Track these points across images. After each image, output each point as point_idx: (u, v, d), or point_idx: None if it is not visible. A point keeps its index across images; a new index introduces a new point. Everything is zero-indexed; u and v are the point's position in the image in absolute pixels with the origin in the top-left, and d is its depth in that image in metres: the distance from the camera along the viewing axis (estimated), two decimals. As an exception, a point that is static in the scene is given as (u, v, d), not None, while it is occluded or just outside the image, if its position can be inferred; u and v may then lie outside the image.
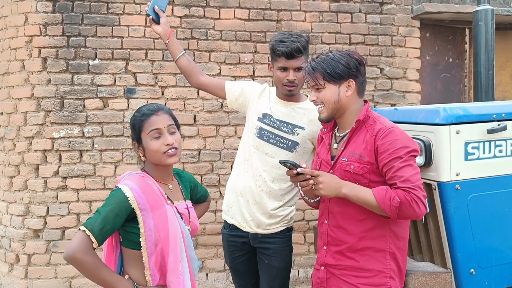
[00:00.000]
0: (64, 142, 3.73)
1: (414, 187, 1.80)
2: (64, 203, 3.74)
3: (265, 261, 2.53)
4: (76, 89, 3.75)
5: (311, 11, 4.08)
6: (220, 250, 3.98)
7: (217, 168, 3.95)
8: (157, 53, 3.86)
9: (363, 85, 2.05)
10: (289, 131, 2.46)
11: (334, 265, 2.03)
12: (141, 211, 1.78)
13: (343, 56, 1.98)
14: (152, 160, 1.89)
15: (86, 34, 3.76)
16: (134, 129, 1.91)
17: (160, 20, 2.57)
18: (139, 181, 1.83)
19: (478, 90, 3.29)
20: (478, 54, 3.27)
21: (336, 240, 2.03)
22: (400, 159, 1.84)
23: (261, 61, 4.00)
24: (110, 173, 3.80)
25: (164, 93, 3.89)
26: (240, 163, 2.60)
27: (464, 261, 2.31)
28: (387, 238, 1.95)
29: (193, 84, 2.68)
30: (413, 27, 4.26)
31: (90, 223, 1.72)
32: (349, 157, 1.97)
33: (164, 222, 1.82)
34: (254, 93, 2.59)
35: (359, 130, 1.99)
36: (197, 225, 2.04)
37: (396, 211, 1.80)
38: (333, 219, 2.05)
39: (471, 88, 4.68)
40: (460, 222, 2.28)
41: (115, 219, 1.74)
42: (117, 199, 1.77)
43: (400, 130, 1.92)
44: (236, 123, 3.98)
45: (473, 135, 2.28)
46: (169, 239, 1.81)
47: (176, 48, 2.62)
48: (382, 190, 1.84)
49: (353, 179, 1.94)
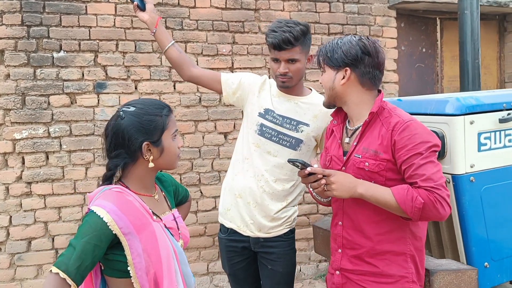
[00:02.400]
0: (27, 144, 3.37)
1: (438, 186, 1.65)
2: (29, 211, 3.38)
3: (268, 266, 2.36)
4: (40, 85, 3.38)
5: (289, 0, 3.93)
6: (202, 253, 3.77)
7: (197, 166, 3.73)
8: (129, 44, 3.56)
9: (370, 76, 1.84)
10: (292, 128, 2.28)
11: (351, 270, 1.89)
12: (125, 236, 1.48)
13: (347, 43, 1.84)
14: (165, 164, 1.65)
15: (49, 24, 3.39)
16: (152, 128, 1.59)
17: (145, 7, 2.31)
18: (116, 200, 1.52)
19: (464, 79, 3.27)
20: (464, 43, 3.25)
21: (352, 243, 1.88)
22: (420, 155, 1.68)
23: (240, 52, 3.81)
24: (80, 176, 3.48)
25: (137, 88, 3.60)
26: (238, 162, 2.40)
27: (478, 254, 2.25)
28: (407, 240, 1.81)
29: (184, 77, 2.43)
30: (389, 16, 4.22)
31: (64, 262, 1.40)
32: (363, 153, 1.81)
33: (154, 244, 1.54)
34: (253, 86, 2.39)
35: (373, 123, 1.84)
36: (187, 236, 1.78)
37: (419, 212, 1.65)
38: (349, 220, 1.90)
39: (443, 78, 4.73)
40: (475, 215, 2.22)
41: (95, 251, 1.43)
42: (94, 226, 1.45)
43: (419, 123, 1.77)
44: (215, 118, 3.76)
45: (486, 125, 2.22)
46: (162, 263, 1.54)
47: (164, 38, 2.36)
48: (402, 190, 1.68)
49: (368, 177, 1.79)
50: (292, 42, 2.15)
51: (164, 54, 2.39)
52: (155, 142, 1.59)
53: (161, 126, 1.60)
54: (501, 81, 4.83)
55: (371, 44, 1.84)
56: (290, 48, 2.16)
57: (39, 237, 3.41)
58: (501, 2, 4.39)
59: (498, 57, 4.82)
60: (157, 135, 1.59)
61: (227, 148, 3.78)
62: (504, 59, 4.82)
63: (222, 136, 3.79)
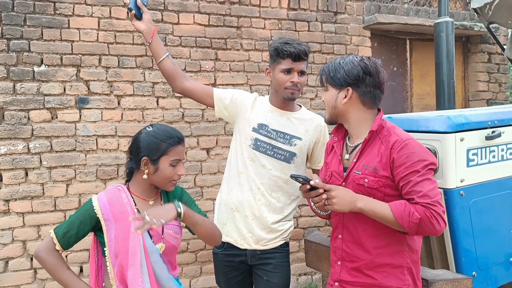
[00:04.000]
0: (5, 160, 3.25)
1: (434, 203, 1.72)
2: (7, 229, 3.25)
3: (264, 277, 2.40)
4: (19, 99, 3.29)
5: (270, 19, 4.02)
6: (185, 269, 3.74)
7: (180, 182, 3.68)
8: (112, 59, 3.53)
9: (370, 95, 1.90)
10: (286, 142, 2.37)
11: (350, 282, 1.94)
12: (104, 221, 1.85)
13: (349, 63, 1.91)
14: (157, 182, 1.92)
15: (30, 37, 3.32)
16: (154, 148, 1.88)
17: (142, 16, 2.33)
18: (110, 193, 1.91)
19: (440, 98, 3.44)
20: (440, 64, 3.42)
21: (352, 256, 1.94)
22: (417, 173, 1.75)
23: (222, 68, 3.85)
24: (61, 193, 3.38)
25: (120, 103, 3.56)
26: (233, 177, 2.44)
27: (467, 264, 2.37)
28: (404, 253, 1.87)
29: (176, 89, 2.46)
30: (364, 36, 4.39)
31: (57, 227, 1.87)
32: (363, 170, 1.88)
33: (125, 235, 1.84)
34: (246, 102, 2.46)
35: (372, 141, 1.90)
36: (173, 243, 1.97)
37: (416, 227, 1.72)
38: (348, 234, 1.96)
39: (413, 96, 4.95)
40: (464, 227, 2.35)
41: (80, 226, 1.84)
42: (85, 207, 1.88)
43: (417, 142, 1.84)
44: (198, 134, 3.77)
45: (474, 142, 2.36)
46: (128, 253, 1.83)
47: (160, 49, 2.38)
48: (400, 205, 1.75)
49: (367, 193, 1.85)
50: (307, 54, 2.33)
51: (158, 65, 2.40)
52: (153, 161, 1.88)
53: (161, 150, 1.88)
54: (465, 99, 5.09)
55: (372, 65, 1.91)
56: (305, 59, 2.33)
57: (17, 256, 3.27)
58: (466, 25, 4.67)
59: (463, 77, 5.09)
60: (156, 156, 1.88)
61: (210, 164, 3.79)
62: (468, 79, 5.09)
63: (204, 152, 3.79)
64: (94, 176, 3.46)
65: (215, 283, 3.71)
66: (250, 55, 3.93)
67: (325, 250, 2.55)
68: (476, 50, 5.07)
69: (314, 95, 4.15)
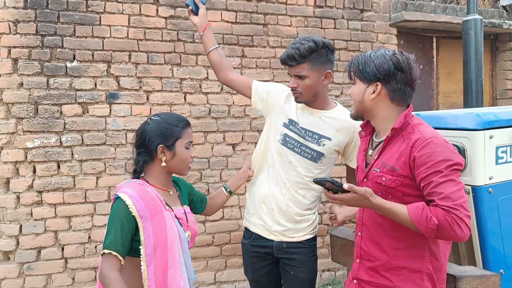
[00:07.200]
0: (39, 153, 3.36)
1: (456, 206, 1.59)
2: (39, 220, 3.37)
3: (290, 272, 2.42)
4: (53, 94, 3.40)
5: (296, 16, 4.04)
6: (210, 262, 3.80)
7: (206, 177, 3.77)
8: (142, 55, 3.61)
9: (400, 92, 1.82)
10: (314, 141, 2.35)
11: (367, 281, 1.91)
12: (141, 218, 1.80)
13: (380, 57, 1.82)
14: (175, 167, 1.95)
15: (63, 34, 3.42)
16: (168, 134, 1.92)
17: (198, 12, 2.55)
18: (137, 188, 1.86)
19: (468, 96, 3.41)
20: (468, 62, 3.39)
21: (369, 255, 1.90)
22: (440, 173, 1.64)
23: (248, 65, 3.89)
24: (91, 185, 3.48)
25: (149, 98, 3.64)
26: (264, 169, 2.47)
27: (494, 262, 2.36)
28: (425, 258, 1.78)
29: (221, 80, 2.59)
30: (390, 34, 4.37)
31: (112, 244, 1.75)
32: (381, 168, 1.82)
33: (162, 228, 1.84)
34: (280, 96, 2.47)
35: (395, 138, 1.83)
36: (196, 230, 2.05)
37: (434, 233, 1.62)
38: (367, 232, 1.92)
39: (439, 94, 4.91)
40: (492, 224, 2.33)
41: (129, 229, 1.78)
42: (122, 210, 1.79)
43: (441, 140, 1.71)
44: (224, 129, 3.83)
45: (503, 140, 2.35)
46: (167, 244, 1.83)
47: (210, 41, 2.56)
48: (417, 209, 1.65)
49: (385, 192, 1.78)
50: (296, 58, 2.21)
51: (207, 55, 2.58)
52: (169, 147, 1.91)
53: (176, 134, 1.92)
54: (493, 98, 5.03)
55: (405, 60, 1.81)
56: (295, 64, 2.23)
57: (49, 246, 3.39)
58: (495, 23, 4.60)
59: (490, 75, 5.03)
60: (171, 141, 1.91)
61: (235, 159, 3.84)
62: (496, 77, 5.03)
63: (230, 148, 3.85)
64: (123, 170, 3.55)
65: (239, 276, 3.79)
66: (276, 52, 3.96)
67: (351, 245, 2.56)
68: (505, 48, 5.00)
69: (340, 92, 4.16)
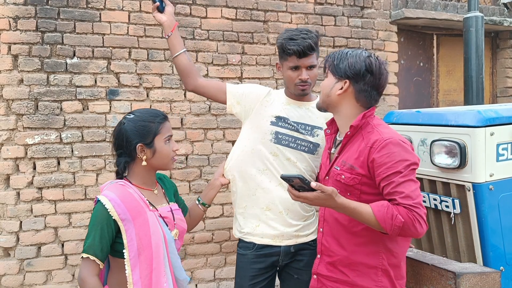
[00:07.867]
0: (39, 149, 3.36)
1: (416, 205, 1.67)
2: (39, 216, 3.37)
3: (294, 276, 2.38)
4: (53, 90, 3.39)
5: (296, 13, 4.04)
6: (209, 259, 3.80)
7: (206, 174, 3.77)
8: (142, 52, 3.61)
9: (366, 94, 1.87)
10: (308, 133, 2.33)
11: (326, 276, 1.97)
12: (122, 221, 1.77)
13: (355, 56, 1.87)
14: (158, 164, 1.92)
15: (63, 30, 3.41)
16: (145, 132, 1.88)
17: (165, 9, 2.35)
18: (118, 190, 1.82)
19: (469, 93, 3.42)
20: (469, 59, 3.40)
21: (329, 251, 1.95)
22: (400, 173, 1.70)
23: (249, 62, 3.89)
24: (91, 182, 3.48)
25: (149, 95, 3.64)
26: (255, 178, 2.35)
27: (495, 259, 2.36)
28: (380, 254, 1.84)
29: (189, 86, 2.39)
30: (391, 31, 4.37)
31: (91, 248, 1.75)
32: (341, 166, 1.87)
33: (146, 230, 1.80)
34: (260, 95, 2.39)
35: (355, 136, 1.88)
36: (184, 227, 2.03)
37: (399, 230, 1.68)
38: (328, 227, 1.97)
39: (439, 91, 4.91)
40: (493, 221, 2.34)
41: (108, 233, 1.77)
42: (101, 213, 1.77)
43: (398, 141, 1.77)
44: (224, 127, 3.82)
45: (504, 137, 2.35)
46: (152, 246, 1.80)
47: (178, 43, 2.35)
48: (382, 207, 1.69)
49: (344, 189, 1.83)
50: (314, 47, 2.23)
51: (174, 59, 2.36)
52: (148, 144, 1.88)
53: (153, 131, 1.88)
54: (494, 96, 5.03)
55: (377, 64, 1.86)
56: (312, 53, 2.23)
57: (49, 242, 3.39)
58: (496, 20, 4.60)
59: (491, 73, 5.03)
60: (149, 138, 1.88)
61: (235, 156, 3.83)
62: (496, 75, 5.03)
63: (230, 145, 3.84)
64: (123, 166, 3.54)
65: (239, 273, 3.74)
66: (276, 49, 3.95)
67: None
68: (505, 45, 5.00)
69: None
